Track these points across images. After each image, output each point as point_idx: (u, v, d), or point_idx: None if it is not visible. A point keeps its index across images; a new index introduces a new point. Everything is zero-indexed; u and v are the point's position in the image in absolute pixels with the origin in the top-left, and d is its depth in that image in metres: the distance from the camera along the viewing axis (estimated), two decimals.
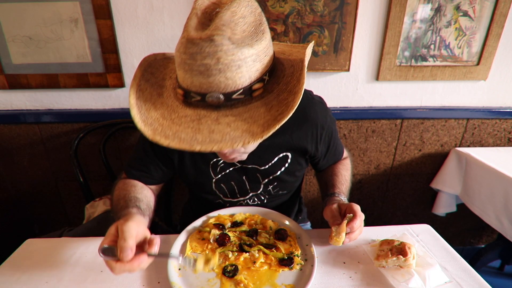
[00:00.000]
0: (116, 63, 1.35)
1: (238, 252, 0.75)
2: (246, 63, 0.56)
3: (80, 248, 0.81)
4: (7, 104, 1.43)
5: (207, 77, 0.55)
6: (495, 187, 1.32)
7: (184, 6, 1.30)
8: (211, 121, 0.58)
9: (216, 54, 0.53)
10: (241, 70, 0.56)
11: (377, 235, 0.84)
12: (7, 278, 0.71)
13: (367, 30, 1.37)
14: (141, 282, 0.70)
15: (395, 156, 1.66)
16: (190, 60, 0.55)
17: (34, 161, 1.54)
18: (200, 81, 0.56)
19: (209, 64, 0.54)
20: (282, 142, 0.87)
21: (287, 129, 0.84)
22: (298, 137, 0.87)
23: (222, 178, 0.91)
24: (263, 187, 0.94)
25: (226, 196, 0.95)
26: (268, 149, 0.86)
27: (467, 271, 0.73)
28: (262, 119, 0.57)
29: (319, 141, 0.90)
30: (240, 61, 0.55)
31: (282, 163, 0.90)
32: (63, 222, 1.72)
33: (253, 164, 0.89)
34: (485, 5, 1.34)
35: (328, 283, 0.69)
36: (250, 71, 0.58)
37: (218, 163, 0.88)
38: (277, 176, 0.92)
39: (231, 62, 0.54)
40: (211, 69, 0.54)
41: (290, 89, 0.60)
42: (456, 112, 1.55)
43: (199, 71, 0.55)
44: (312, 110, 0.87)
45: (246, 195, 0.95)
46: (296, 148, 0.89)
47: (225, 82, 0.56)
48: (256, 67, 0.58)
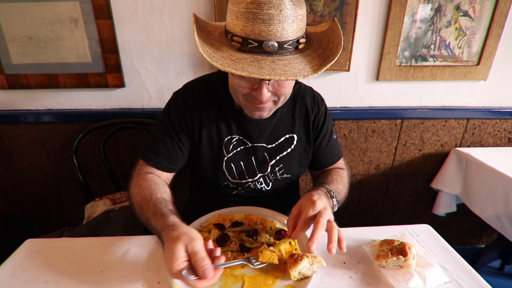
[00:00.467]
0: (116, 63, 1.35)
1: (238, 252, 0.75)
2: (297, 19, 0.68)
3: (80, 248, 0.81)
4: (7, 104, 1.43)
5: (268, 26, 0.65)
6: (495, 187, 1.32)
7: (184, 6, 1.30)
8: (269, 62, 0.68)
9: (280, 6, 0.64)
10: (294, 24, 0.68)
11: (377, 235, 0.84)
12: (7, 278, 0.71)
13: (367, 30, 1.37)
14: (141, 282, 0.70)
15: (395, 156, 1.66)
16: (256, 9, 0.65)
17: (34, 161, 1.54)
18: (261, 29, 0.66)
19: (272, 14, 0.64)
20: (287, 123, 0.96)
21: (291, 107, 0.97)
22: (299, 115, 0.97)
23: (233, 156, 0.95)
24: (270, 168, 0.97)
25: (234, 178, 0.96)
26: (275, 129, 0.95)
27: (467, 271, 0.73)
28: (310, 64, 0.71)
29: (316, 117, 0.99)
30: (295, 16, 0.67)
31: (289, 144, 0.97)
32: (63, 222, 1.72)
33: (262, 142, 0.95)
34: (485, 5, 1.34)
35: (328, 283, 0.69)
36: (298, 28, 0.69)
37: (232, 141, 0.94)
38: (283, 156, 0.97)
39: (289, 15, 0.66)
40: (273, 18, 0.65)
41: (325, 47, 0.75)
42: (456, 112, 1.55)
43: (262, 20, 0.65)
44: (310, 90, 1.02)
45: (254, 176, 0.97)
46: (300, 129, 0.98)
47: (281, 32, 0.67)
48: (301, 26, 0.71)
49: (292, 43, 0.70)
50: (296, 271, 0.67)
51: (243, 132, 0.94)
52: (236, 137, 0.94)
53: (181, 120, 0.90)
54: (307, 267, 0.68)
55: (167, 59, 1.38)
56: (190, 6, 1.30)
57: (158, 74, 1.41)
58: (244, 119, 0.92)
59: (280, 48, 0.69)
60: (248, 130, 0.93)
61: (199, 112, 0.91)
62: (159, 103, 1.47)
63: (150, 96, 1.45)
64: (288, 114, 0.96)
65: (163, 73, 1.41)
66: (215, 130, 0.92)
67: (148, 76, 1.41)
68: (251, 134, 0.94)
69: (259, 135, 0.94)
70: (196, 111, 0.91)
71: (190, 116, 0.90)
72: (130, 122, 1.41)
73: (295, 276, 0.67)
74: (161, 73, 1.41)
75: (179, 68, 1.40)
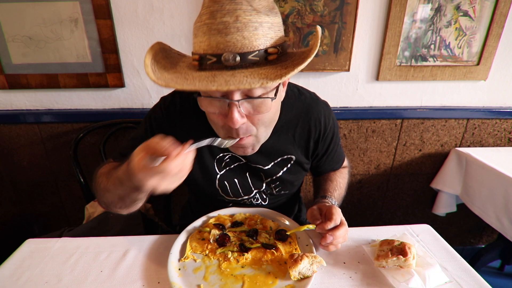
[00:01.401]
0: (116, 63, 1.35)
1: (238, 253, 0.75)
2: (262, 27, 0.58)
3: (80, 248, 0.81)
4: (7, 104, 1.43)
5: (225, 36, 0.57)
6: (495, 187, 1.32)
7: (184, 6, 1.30)
8: (227, 76, 0.58)
9: (236, 12, 0.56)
10: (257, 32, 0.58)
11: (377, 235, 0.84)
12: (7, 278, 0.71)
13: (367, 30, 1.37)
14: (141, 282, 0.70)
15: (395, 156, 1.66)
16: (209, 19, 0.57)
17: (34, 161, 1.54)
18: (217, 41, 0.57)
19: (227, 21, 0.56)
20: (286, 143, 0.88)
21: (291, 127, 0.87)
22: (300, 136, 0.89)
23: (226, 174, 0.90)
24: (266, 185, 0.94)
25: (228, 195, 0.94)
26: (273, 149, 0.87)
27: (467, 271, 0.73)
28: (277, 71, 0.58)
29: (320, 139, 0.91)
30: (257, 23, 0.58)
31: (285, 164, 0.91)
32: (63, 222, 1.72)
33: (256, 163, 0.89)
34: (485, 5, 1.34)
35: (328, 283, 0.69)
36: (266, 36, 0.59)
37: (224, 158, 0.88)
38: (279, 176, 0.92)
39: (248, 22, 0.57)
40: (229, 27, 0.56)
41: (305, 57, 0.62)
42: (456, 112, 1.55)
43: (218, 30, 0.57)
44: (316, 109, 0.89)
45: (250, 193, 0.94)
46: (298, 150, 0.90)
47: (241, 41, 0.57)
48: (271, 35, 0.61)
49: (259, 53, 0.59)
50: (296, 271, 0.67)
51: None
52: (229, 154, 0.88)
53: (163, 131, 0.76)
54: (307, 267, 0.68)
55: None
56: (190, 6, 1.30)
57: None
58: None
59: (244, 60, 0.58)
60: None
61: (187, 127, 0.83)
62: None
63: (150, 96, 1.45)
64: (288, 135, 0.88)
65: None
66: (206, 148, 0.83)
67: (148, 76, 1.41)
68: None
69: (253, 157, 0.86)
70: (184, 125, 0.83)
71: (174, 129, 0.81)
72: (130, 122, 1.41)
73: (295, 276, 0.67)
74: None
75: None
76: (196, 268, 0.72)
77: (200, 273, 0.71)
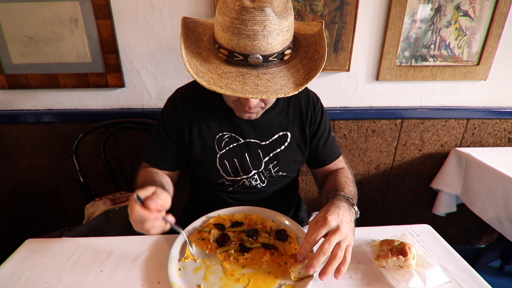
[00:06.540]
0: (116, 63, 1.35)
1: (238, 253, 0.75)
2: (282, 32, 0.70)
3: (80, 248, 0.81)
4: (7, 104, 1.43)
5: (253, 41, 0.68)
6: (495, 187, 1.32)
7: (184, 6, 1.30)
8: (253, 77, 0.72)
9: (264, 22, 0.67)
10: (278, 37, 0.70)
11: (377, 235, 0.84)
12: (7, 278, 0.71)
13: (367, 30, 1.37)
14: (141, 282, 0.70)
15: (395, 156, 1.66)
16: (241, 25, 0.67)
17: (34, 161, 1.54)
18: (246, 44, 0.69)
19: (256, 30, 0.67)
20: (280, 119, 0.97)
21: (284, 107, 0.98)
22: (293, 114, 0.98)
23: (226, 153, 0.96)
24: (264, 165, 0.98)
25: (229, 175, 0.98)
26: (269, 126, 0.96)
27: (467, 271, 0.73)
28: (293, 78, 0.74)
29: (312, 116, 0.99)
30: (279, 30, 0.69)
31: (282, 142, 0.98)
32: (63, 222, 1.72)
33: (255, 138, 0.96)
34: (485, 5, 1.34)
35: (328, 283, 0.69)
36: (284, 39, 0.72)
37: (223, 138, 0.96)
38: (277, 153, 0.97)
39: (273, 30, 0.68)
40: (258, 34, 0.67)
41: (310, 56, 0.77)
42: (456, 112, 1.55)
43: (247, 35, 0.68)
44: (305, 92, 1.01)
45: (249, 172, 0.98)
46: (293, 127, 0.98)
47: (265, 46, 0.69)
48: (287, 37, 0.73)
49: (278, 55, 0.72)
50: (296, 271, 0.67)
51: (234, 128, 0.95)
52: (228, 134, 0.96)
53: (171, 124, 0.95)
54: None
55: (167, 59, 1.38)
56: (190, 6, 1.30)
57: (158, 74, 1.41)
58: (234, 116, 0.93)
59: (265, 61, 0.71)
60: (239, 126, 0.95)
61: (189, 114, 0.95)
62: (159, 103, 1.47)
63: (150, 96, 1.45)
64: (282, 113, 0.97)
65: (163, 73, 1.41)
66: (206, 128, 0.95)
67: (148, 76, 1.41)
68: (242, 130, 0.95)
69: (250, 131, 0.95)
70: (186, 114, 0.95)
71: (180, 119, 0.95)
72: (130, 122, 1.41)
73: (295, 276, 0.67)
74: (161, 73, 1.41)
75: (179, 68, 1.40)
76: (196, 268, 0.72)
77: (200, 273, 0.71)
